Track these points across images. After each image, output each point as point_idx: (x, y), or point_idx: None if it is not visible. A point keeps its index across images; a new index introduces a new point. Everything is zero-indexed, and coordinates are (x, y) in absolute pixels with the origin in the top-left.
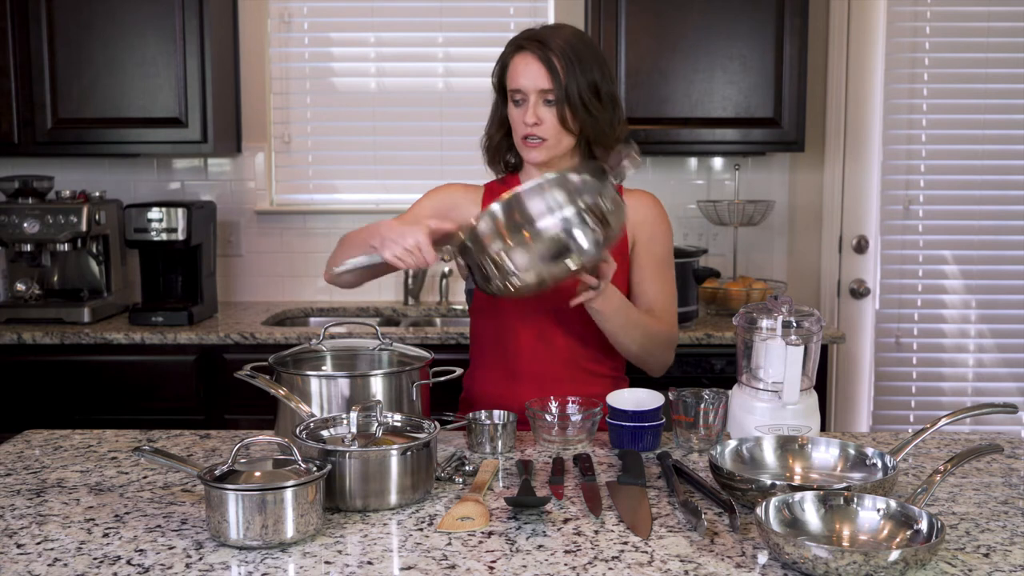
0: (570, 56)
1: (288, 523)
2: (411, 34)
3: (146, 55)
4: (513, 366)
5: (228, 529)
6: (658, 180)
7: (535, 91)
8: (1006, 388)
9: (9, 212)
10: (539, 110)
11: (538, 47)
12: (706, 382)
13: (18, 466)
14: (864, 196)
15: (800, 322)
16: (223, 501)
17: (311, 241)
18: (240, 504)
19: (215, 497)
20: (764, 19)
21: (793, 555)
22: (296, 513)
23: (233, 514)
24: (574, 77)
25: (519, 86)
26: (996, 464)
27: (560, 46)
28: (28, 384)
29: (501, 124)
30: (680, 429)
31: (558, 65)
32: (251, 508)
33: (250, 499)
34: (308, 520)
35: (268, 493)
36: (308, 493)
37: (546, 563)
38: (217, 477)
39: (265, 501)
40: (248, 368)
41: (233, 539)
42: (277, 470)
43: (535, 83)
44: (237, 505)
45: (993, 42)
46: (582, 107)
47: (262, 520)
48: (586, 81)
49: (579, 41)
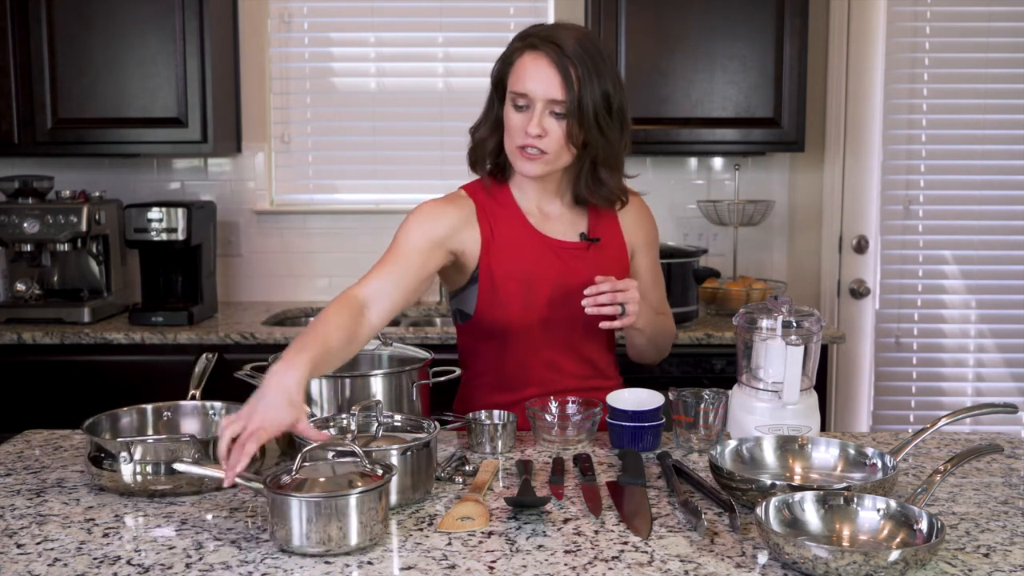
0: (588, 65)
1: (352, 530)
2: (411, 34)
3: (146, 55)
4: (518, 391)
5: (291, 537)
6: (658, 180)
7: (544, 99)
8: (1006, 388)
9: (9, 212)
10: (545, 121)
11: (553, 50)
12: (706, 382)
13: (18, 466)
14: (864, 196)
15: (800, 322)
16: (288, 508)
17: (311, 241)
18: (304, 511)
19: (281, 505)
20: (764, 19)
21: (793, 555)
22: (360, 521)
23: (297, 522)
24: (590, 90)
25: (526, 90)
26: (996, 464)
27: (576, 52)
28: (28, 384)
29: (495, 126)
30: (680, 429)
31: (574, 75)
32: (318, 515)
33: (316, 506)
34: (373, 527)
35: (334, 500)
36: (373, 500)
37: (546, 563)
38: (282, 484)
39: (332, 508)
40: (248, 368)
41: (296, 546)
42: (340, 474)
43: (546, 91)
44: (302, 512)
45: (993, 42)
46: (594, 124)
47: (327, 527)
48: (600, 93)
49: (592, 46)
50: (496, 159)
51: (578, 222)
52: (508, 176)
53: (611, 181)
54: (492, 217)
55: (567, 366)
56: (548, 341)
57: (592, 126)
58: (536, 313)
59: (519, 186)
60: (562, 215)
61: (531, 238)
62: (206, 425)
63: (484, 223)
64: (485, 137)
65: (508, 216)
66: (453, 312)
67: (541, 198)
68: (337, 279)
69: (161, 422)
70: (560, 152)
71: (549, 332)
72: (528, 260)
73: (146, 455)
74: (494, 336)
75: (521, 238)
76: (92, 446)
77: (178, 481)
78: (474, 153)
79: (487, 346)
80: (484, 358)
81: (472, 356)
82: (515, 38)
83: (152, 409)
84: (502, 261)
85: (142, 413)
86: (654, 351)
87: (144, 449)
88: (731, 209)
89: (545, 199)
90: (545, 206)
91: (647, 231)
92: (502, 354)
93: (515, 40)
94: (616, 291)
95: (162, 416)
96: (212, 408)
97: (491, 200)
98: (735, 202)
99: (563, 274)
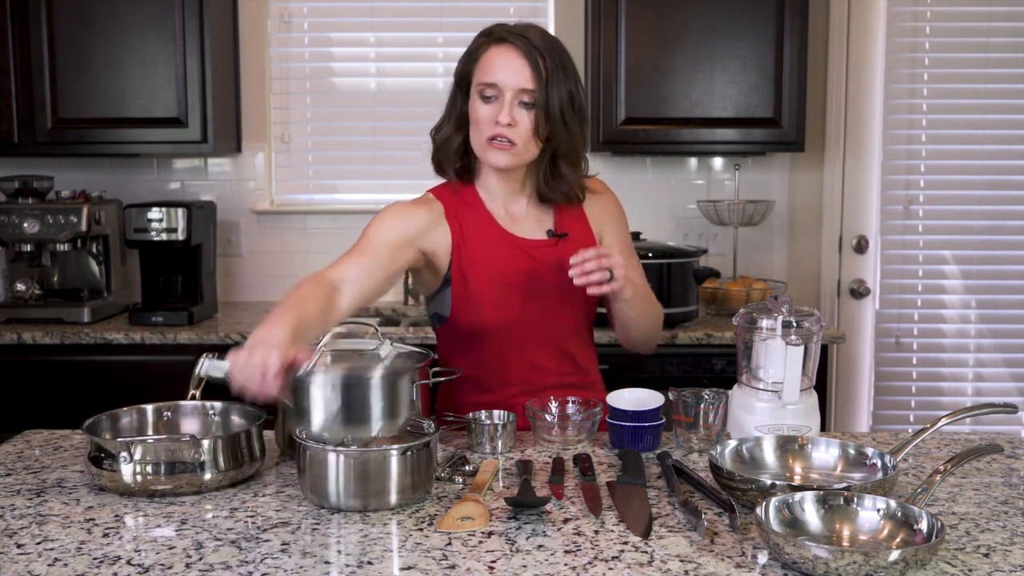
0: (555, 59)
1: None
2: (411, 34)
3: (146, 55)
4: (501, 391)
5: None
6: (658, 180)
7: (514, 89)
8: (1006, 388)
9: (9, 212)
10: (514, 111)
11: (522, 41)
12: (706, 382)
13: (18, 466)
14: (864, 196)
15: (800, 322)
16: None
17: (311, 241)
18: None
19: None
20: (764, 19)
21: (793, 555)
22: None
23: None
24: (556, 84)
25: (495, 80)
26: (996, 464)
27: (544, 45)
28: (28, 384)
29: (459, 124)
30: (680, 429)
31: (543, 66)
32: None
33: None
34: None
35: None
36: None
37: (546, 563)
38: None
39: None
40: None
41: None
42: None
43: (516, 80)
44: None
45: (993, 42)
46: (559, 117)
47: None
48: (565, 89)
49: (558, 43)
50: (461, 158)
51: (544, 219)
52: (474, 177)
53: (571, 176)
54: (461, 217)
55: (547, 363)
56: (525, 340)
57: (557, 119)
58: (510, 312)
59: (485, 187)
60: (528, 214)
61: (500, 238)
62: (206, 425)
63: (453, 223)
64: (450, 135)
65: (476, 217)
66: (431, 317)
67: (507, 198)
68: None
69: (161, 422)
70: (528, 144)
71: (525, 331)
72: (499, 260)
73: (146, 455)
74: (471, 337)
75: (491, 239)
76: (92, 446)
77: (178, 481)
78: (439, 154)
79: (466, 347)
80: (464, 360)
81: (452, 359)
82: (479, 35)
83: (152, 409)
84: (473, 261)
85: (142, 413)
86: (643, 332)
87: (144, 449)
88: (731, 209)
89: (511, 199)
90: (511, 206)
91: (613, 216)
92: (481, 355)
93: (479, 37)
94: (601, 256)
95: (162, 416)
96: (212, 408)
97: (459, 200)
98: (735, 202)
99: (534, 272)
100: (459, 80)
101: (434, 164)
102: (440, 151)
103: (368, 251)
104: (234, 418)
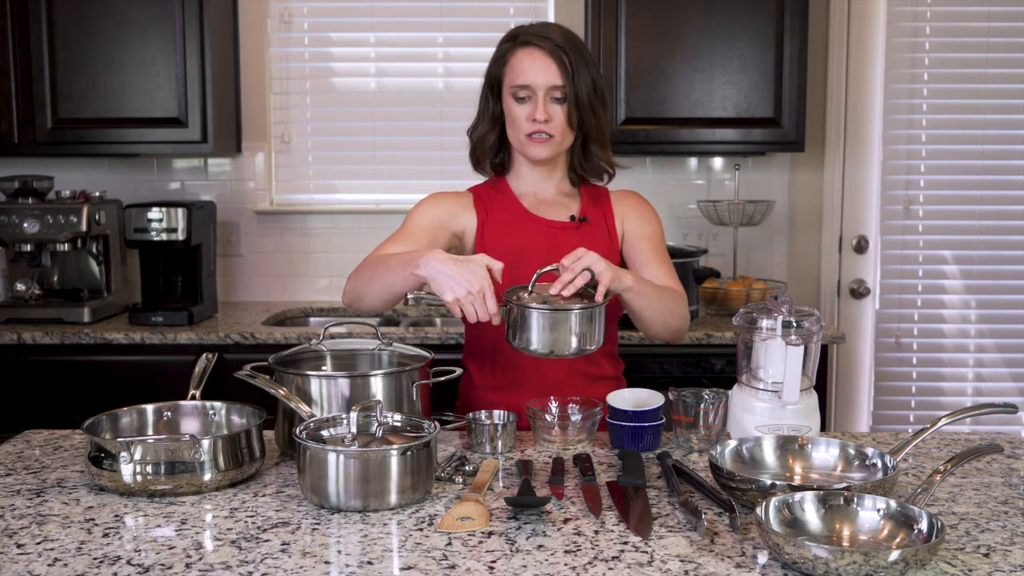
0: (577, 53)
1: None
2: (411, 34)
3: (146, 55)
4: (515, 377)
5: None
6: (658, 180)
7: (545, 87)
8: (1006, 388)
9: (9, 212)
10: (548, 107)
11: (546, 43)
12: (706, 382)
13: (18, 466)
14: (864, 196)
15: (800, 322)
16: (323, 463)
17: (311, 241)
18: (341, 465)
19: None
20: (764, 19)
21: (793, 555)
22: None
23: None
24: (581, 75)
25: (527, 81)
26: (996, 464)
27: (565, 43)
28: (28, 384)
29: (494, 122)
30: (680, 429)
31: (567, 62)
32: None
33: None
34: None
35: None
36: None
37: (546, 563)
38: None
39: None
40: (248, 368)
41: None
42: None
43: (546, 79)
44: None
45: (993, 42)
46: (588, 105)
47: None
48: (589, 78)
49: (576, 38)
50: (496, 154)
51: (571, 206)
52: (506, 171)
53: (600, 154)
54: (488, 202)
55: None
56: None
57: (586, 107)
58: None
59: (517, 176)
60: (556, 200)
61: (523, 218)
62: (206, 425)
63: (480, 207)
64: (485, 133)
65: (503, 200)
66: None
67: (538, 185)
68: (337, 279)
69: (161, 422)
70: (564, 134)
71: None
72: (518, 237)
73: (146, 455)
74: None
75: (513, 218)
76: (92, 446)
77: (178, 481)
78: (476, 151)
79: (483, 335)
80: (480, 348)
81: (471, 347)
82: (503, 39)
83: (152, 409)
84: (495, 238)
85: (142, 413)
86: (662, 321)
87: (144, 449)
88: (731, 209)
89: (541, 186)
90: (541, 193)
91: (638, 211)
92: (498, 340)
93: (504, 41)
94: (575, 260)
95: (162, 416)
96: (212, 408)
97: (489, 189)
98: (735, 202)
99: (551, 251)
100: (490, 83)
101: (471, 160)
102: (477, 148)
103: (408, 235)
104: (234, 418)
